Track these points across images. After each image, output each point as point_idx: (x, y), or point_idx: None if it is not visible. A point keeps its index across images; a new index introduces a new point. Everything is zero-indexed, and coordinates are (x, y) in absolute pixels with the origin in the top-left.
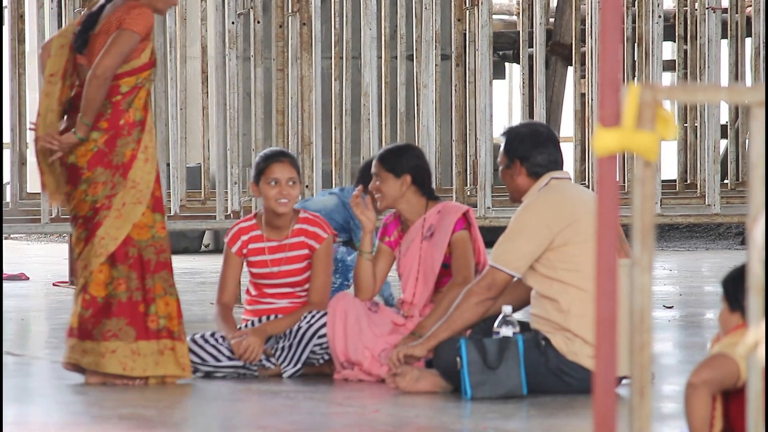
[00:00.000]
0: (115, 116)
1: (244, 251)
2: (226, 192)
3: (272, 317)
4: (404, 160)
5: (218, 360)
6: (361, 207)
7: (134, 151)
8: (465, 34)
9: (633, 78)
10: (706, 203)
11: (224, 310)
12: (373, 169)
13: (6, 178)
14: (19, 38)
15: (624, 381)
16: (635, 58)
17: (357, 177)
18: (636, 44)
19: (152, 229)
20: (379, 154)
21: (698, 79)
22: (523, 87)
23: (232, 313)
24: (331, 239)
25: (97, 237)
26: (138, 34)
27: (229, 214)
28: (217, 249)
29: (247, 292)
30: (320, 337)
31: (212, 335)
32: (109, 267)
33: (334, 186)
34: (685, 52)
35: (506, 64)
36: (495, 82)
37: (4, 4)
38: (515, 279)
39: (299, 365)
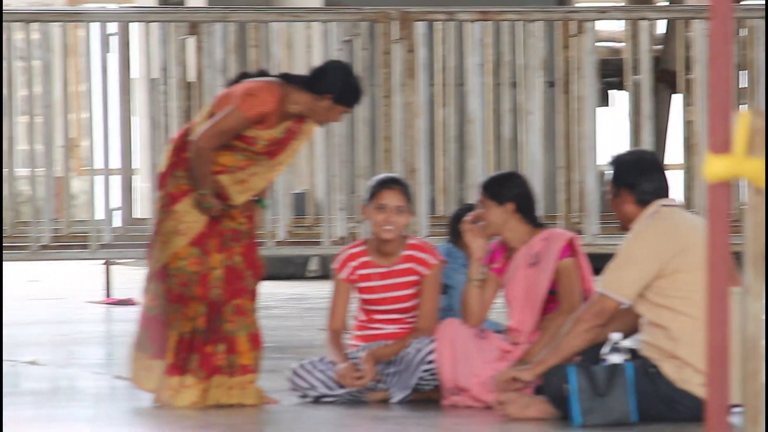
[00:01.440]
0: (187, 148)
1: (353, 277)
2: (332, 218)
3: (381, 343)
4: (507, 188)
5: (327, 385)
6: (471, 233)
7: (187, 186)
8: (569, 61)
9: (742, 105)
10: None
11: (334, 336)
12: (477, 197)
13: (117, 203)
14: (127, 65)
15: (736, 409)
16: (743, 85)
17: (449, 225)
18: (744, 70)
19: (183, 261)
20: (482, 182)
21: None
22: (631, 114)
23: (342, 339)
24: (440, 266)
25: (153, 257)
26: (245, 117)
27: (336, 240)
28: (324, 275)
29: (356, 317)
30: (428, 363)
31: (320, 360)
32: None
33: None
34: None
35: (609, 91)
36: (600, 109)
37: (114, 31)
38: (624, 306)
39: (408, 390)
